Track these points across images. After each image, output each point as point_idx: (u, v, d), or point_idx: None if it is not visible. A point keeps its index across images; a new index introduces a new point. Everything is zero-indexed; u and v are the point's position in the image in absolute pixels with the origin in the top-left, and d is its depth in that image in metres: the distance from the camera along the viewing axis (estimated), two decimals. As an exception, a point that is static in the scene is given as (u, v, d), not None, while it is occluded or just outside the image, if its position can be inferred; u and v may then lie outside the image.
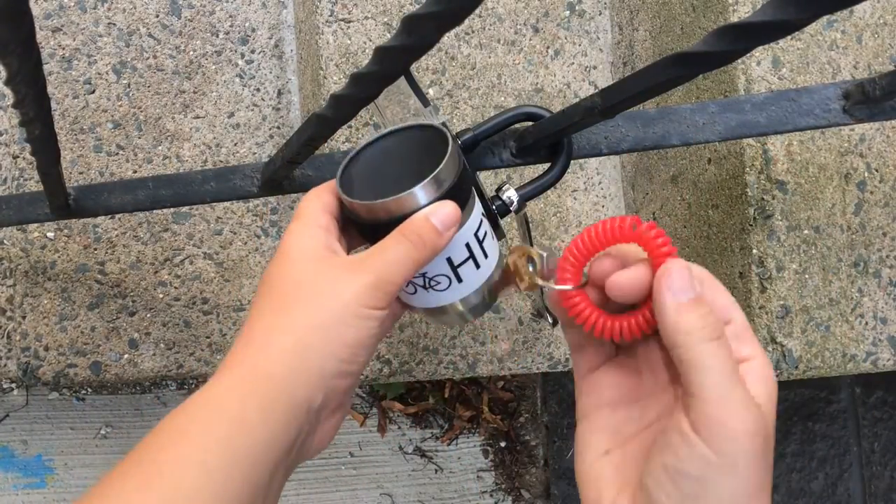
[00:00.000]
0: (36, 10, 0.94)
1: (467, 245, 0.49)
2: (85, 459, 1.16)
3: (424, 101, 0.58)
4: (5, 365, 0.98)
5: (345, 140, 0.90)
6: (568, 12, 0.99)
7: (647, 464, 0.37)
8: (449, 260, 0.49)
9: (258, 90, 1.01)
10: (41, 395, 1.13)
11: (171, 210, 0.94)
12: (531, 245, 0.53)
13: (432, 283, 0.50)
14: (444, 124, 0.60)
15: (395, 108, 0.60)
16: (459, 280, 0.50)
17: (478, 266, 0.50)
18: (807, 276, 0.82)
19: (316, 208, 0.47)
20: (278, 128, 1.01)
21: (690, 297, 0.37)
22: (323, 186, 0.50)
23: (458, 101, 0.93)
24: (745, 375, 0.36)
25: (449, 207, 0.45)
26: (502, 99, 0.95)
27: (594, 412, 0.43)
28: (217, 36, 1.00)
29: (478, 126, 0.63)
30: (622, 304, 0.42)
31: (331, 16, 0.91)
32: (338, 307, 0.42)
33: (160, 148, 0.96)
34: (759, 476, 0.34)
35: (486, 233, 0.51)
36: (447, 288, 0.50)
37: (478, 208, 0.51)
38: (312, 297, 0.42)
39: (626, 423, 0.42)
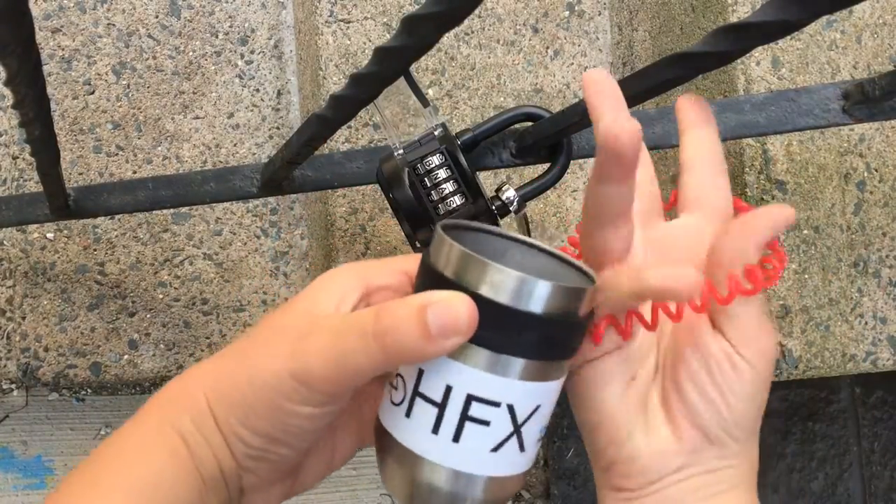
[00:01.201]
0: (35, 10, 0.94)
1: (517, 421, 0.33)
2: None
3: (424, 101, 0.58)
4: (5, 366, 0.98)
5: (344, 140, 0.90)
6: (567, 13, 0.99)
7: (673, 383, 0.37)
8: (466, 399, 0.33)
9: (258, 91, 1.01)
10: (41, 396, 1.13)
11: (171, 211, 0.94)
12: None
13: (416, 405, 0.34)
14: (443, 125, 0.60)
15: (394, 109, 0.60)
16: (457, 438, 0.33)
17: (501, 445, 0.33)
18: (806, 276, 0.82)
19: (352, 275, 0.36)
20: (278, 128, 1.01)
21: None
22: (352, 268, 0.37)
23: (458, 102, 0.93)
24: None
25: (462, 305, 0.31)
26: (502, 99, 0.95)
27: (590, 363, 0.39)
28: (216, 36, 1.00)
29: (478, 126, 0.63)
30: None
31: (330, 16, 0.91)
32: (256, 386, 0.33)
33: (160, 148, 0.96)
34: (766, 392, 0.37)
35: (541, 430, 0.35)
36: (435, 433, 0.33)
37: (557, 389, 0.35)
38: (246, 361, 0.34)
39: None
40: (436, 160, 0.59)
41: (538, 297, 0.31)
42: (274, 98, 1.01)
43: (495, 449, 0.33)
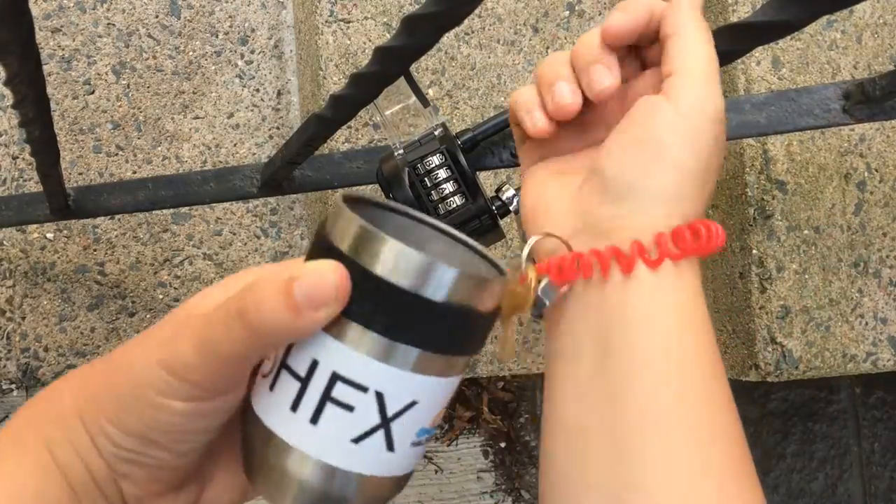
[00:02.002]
0: (35, 10, 0.94)
1: (385, 413, 0.30)
2: (85, 460, 1.16)
3: (424, 101, 0.58)
4: (5, 366, 0.98)
5: (344, 140, 0.90)
6: (567, 12, 0.99)
7: (605, 145, 0.38)
8: (330, 377, 0.30)
9: (258, 90, 1.01)
10: (41, 396, 1.13)
11: (171, 211, 0.94)
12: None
13: (280, 378, 0.31)
14: (443, 125, 0.60)
15: (394, 109, 0.60)
16: (315, 420, 0.30)
17: (364, 437, 0.30)
18: (807, 276, 0.82)
19: (247, 276, 0.35)
20: (278, 128, 1.01)
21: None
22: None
23: (458, 102, 0.93)
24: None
25: (330, 272, 0.28)
26: (502, 99, 0.95)
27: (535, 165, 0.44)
28: (217, 36, 1.00)
29: (478, 126, 0.63)
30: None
31: (330, 16, 0.91)
32: (129, 385, 0.31)
33: (160, 148, 0.96)
34: (715, 156, 0.37)
35: (420, 433, 0.32)
36: (294, 410, 0.30)
37: (453, 386, 0.33)
38: (111, 367, 0.32)
39: (567, 154, 0.43)
40: (436, 160, 0.59)
41: (433, 281, 0.29)
42: (274, 98, 1.01)
43: (357, 440, 0.30)
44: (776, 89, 0.80)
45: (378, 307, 0.29)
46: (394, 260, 0.29)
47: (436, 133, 0.60)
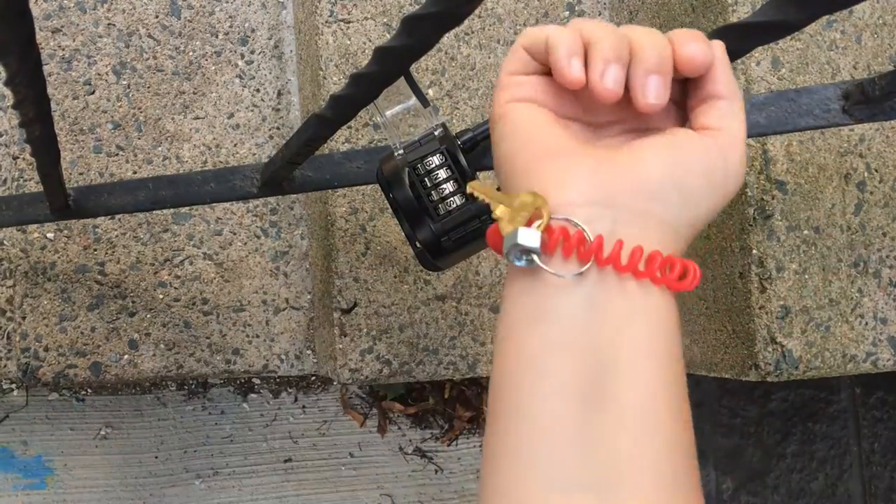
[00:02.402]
0: (36, 10, 0.94)
1: None
2: (85, 460, 1.16)
3: (424, 101, 0.58)
4: (5, 366, 0.98)
5: (345, 140, 0.90)
6: (567, 13, 0.99)
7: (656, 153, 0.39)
8: None
9: (258, 91, 1.01)
10: (41, 396, 1.13)
11: (171, 211, 0.94)
12: None
13: None
14: (443, 125, 0.60)
15: (394, 109, 0.60)
16: None
17: None
18: (807, 276, 0.82)
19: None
20: (278, 128, 1.01)
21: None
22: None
23: (458, 102, 0.93)
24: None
25: None
26: (502, 99, 0.95)
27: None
28: (217, 37, 1.00)
29: (478, 126, 0.63)
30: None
31: (330, 16, 0.91)
32: None
33: (160, 149, 0.96)
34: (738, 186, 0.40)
35: None
36: None
37: None
38: None
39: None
40: (436, 160, 0.59)
41: None
42: (274, 98, 1.01)
43: None
44: (776, 89, 0.80)
45: None
46: None
47: (436, 133, 0.60)
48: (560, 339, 0.36)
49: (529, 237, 0.36)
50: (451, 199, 0.59)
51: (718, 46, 0.39)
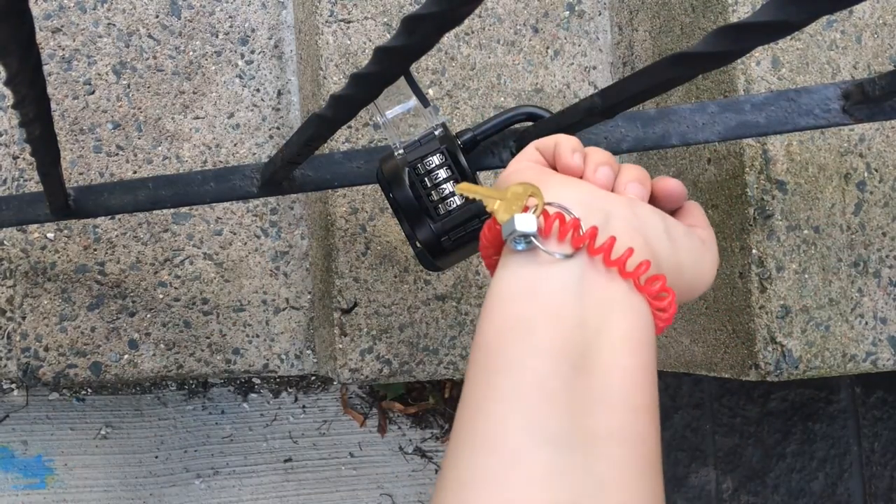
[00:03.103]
0: (36, 10, 0.94)
1: None
2: (85, 460, 1.16)
3: (424, 101, 0.58)
4: (5, 365, 0.98)
5: (345, 140, 0.90)
6: (567, 13, 0.99)
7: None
8: None
9: (258, 91, 1.01)
10: (41, 396, 1.13)
11: (171, 210, 0.94)
12: None
13: None
14: (443, 125, 0.60)
15: (395, 109, 0.60)
16: None
17: None
18: (806, 276, 0.82)
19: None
20: (278, 128, 1.01)
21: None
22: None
23: (458, 102, 0.93)
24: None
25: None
26: (502, 99, 0.95)
27: None
28: (217, 36, 1.00)
29: (478, 126, 0.63)
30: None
31: (330, 16, 0.91)
32: None
33: (160, 148, 0.96)
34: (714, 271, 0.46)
35: None
36: None
37: None
38: None
39: None
40: (436, 160, 0.59)
41: None
42: (274, 98, 1.01)
43: None
44: (776, 89, 0.80)
45: None
46: None
47: (436, 133, 0.60)
48: (551, 308, 0.37)
49: (527, 221, 0.38)
50: (451, 199, 0.59)
51: (695, 206, 0.47)
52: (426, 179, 0.59)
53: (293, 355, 0.99)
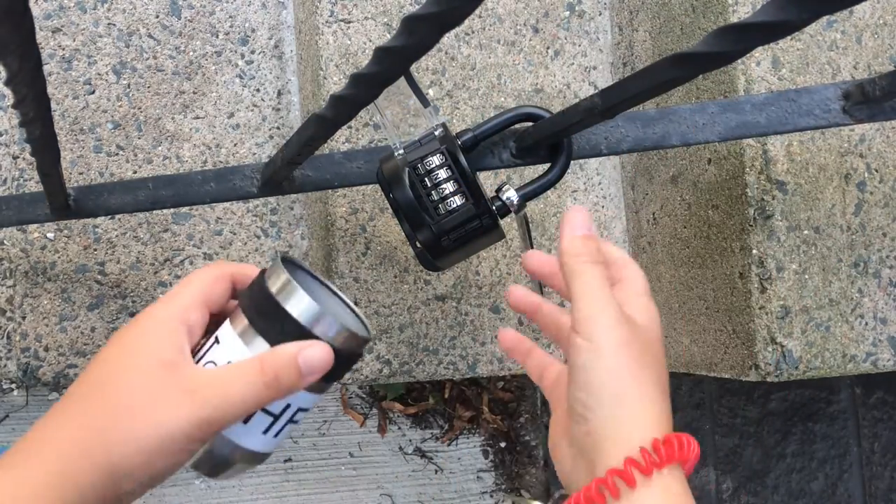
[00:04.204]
0: (36, 10, 0.94)
1: (287, 412, 0.46)
2: (85, 460, 1.16)
3: (424, 101, 0.58)
4: (5, 366, 0.98)
5: (345, 140, 0.90)
6: (568, 13, 0.99)
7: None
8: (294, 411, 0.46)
9: (258, 91, 1.01)
10: (41, 396, 1.13)
11: (171, 210, 0.94)
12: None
13: (253, 416, 0.45)
14: (443, 125, 0.60)
15: (395, 109, 0.60)
16: (259, 431, 0.45)
17: (266, 432, 0.46)
18: (807, 276, 0.82)
19: (194, 297, 0.45)
20: (278, 128, 1.01)
21: (584, 233, 0.46)
22: (218, 267, 0.47)
23: (458, 102, 0.93)
24: (629, 309, 0.45)
25: (323, 352, 0.43)
26: (502, 99, 0.95)
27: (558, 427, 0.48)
28: (217, 36, 1.00)
29: (478, 126, 0.63)
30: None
31: (331, 16, 0.91)
32: (163, 439, 0.40)
33: (160, 148, 0.96)
34: (630, 360, 0.42)
35: (294, 417, 0.48)
36: (263, 434, 0.46)
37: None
38: (142, 418, 0.40)
39: None
40: (436, 160, 0.59)
41: (337, 334, 0.44)
42: (274, 98, 1.01)
43: (265, 432, 0.46)
44: (776, 90, 0.80)
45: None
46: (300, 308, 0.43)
47: (436, 133, 0.59)
48: None
49: None
50: (452, 198, 0.59)
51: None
52: (426, 179, 0.59)
53: (293, 355, 0.99)
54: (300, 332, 0.43)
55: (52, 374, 0.91)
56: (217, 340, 0.45)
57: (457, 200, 0.59)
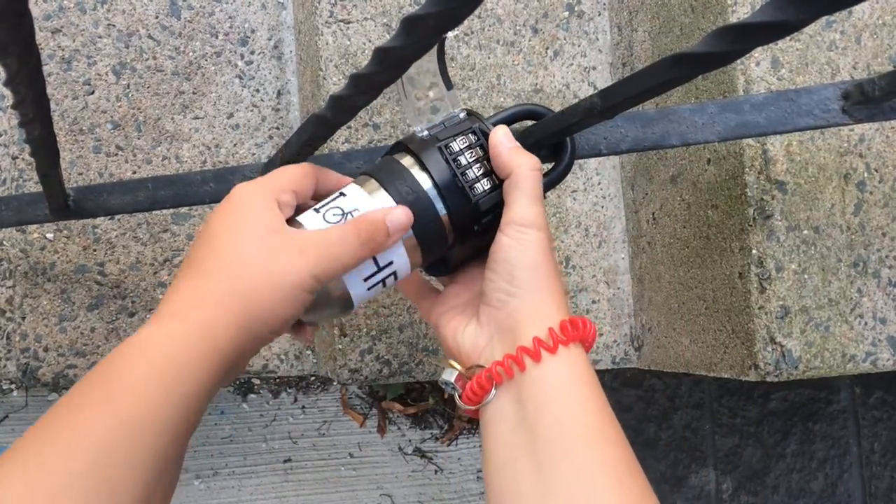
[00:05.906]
0: (35, 11, 0.94)
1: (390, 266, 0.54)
2: (84, 460, 1.15)
3: (449, 83, 0.57)
4: (5, 366, 0.98)
5: (344, 141, 0.90)
6: (567, 13, 0.99)
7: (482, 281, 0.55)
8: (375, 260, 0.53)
9: (258, 91, 1.01)
10: (41, 397, 1.13)
11: (171, 211, 0.94)
12: None
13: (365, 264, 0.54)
14: (467, 109, 0.59)
15: (419, 91, 0.58)
16: (368, 284, 0.54)
17: (366, 279, 0.54)
18: (806, 276, 0.82)
19: (288, 181, 0.52)
20: (278, 128, 1.01)
21: (513, 145, 0.55)
22: (308, 165, 0.54)
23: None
24: None
25: (404, 215, 0.52)
26: (502, 100, 0.95)
27: (444, 316, 0.58)
28: (216, 37, 1.00)
29: (497, 113, 0.63)
30: None
31: (330, 17, 0.91)
32: (284, 290, 0.48)
33: (159, 149, 0.96)
34: (546, 258, 0.53)
35: (388, 279, 0.56)
36: (364, 281, 0.54)
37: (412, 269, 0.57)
38: (263, 276, 0.47)
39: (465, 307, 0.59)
40: (463, 142, 0.56)
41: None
42: (274, 98, 1.01)
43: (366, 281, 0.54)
44: (775, 90, 0.80)
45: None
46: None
47: (460, 115, 0.58)
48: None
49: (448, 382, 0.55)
50: (482, 181, 0.56)
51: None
52: (459, 159, 0.56)
53: (293, 355, 0.99)
54: (418, 193, 0.54)
55: (52, 374, 0.91)
56: (342, 194, 0.54)
57: (486, 183, 0.56)
